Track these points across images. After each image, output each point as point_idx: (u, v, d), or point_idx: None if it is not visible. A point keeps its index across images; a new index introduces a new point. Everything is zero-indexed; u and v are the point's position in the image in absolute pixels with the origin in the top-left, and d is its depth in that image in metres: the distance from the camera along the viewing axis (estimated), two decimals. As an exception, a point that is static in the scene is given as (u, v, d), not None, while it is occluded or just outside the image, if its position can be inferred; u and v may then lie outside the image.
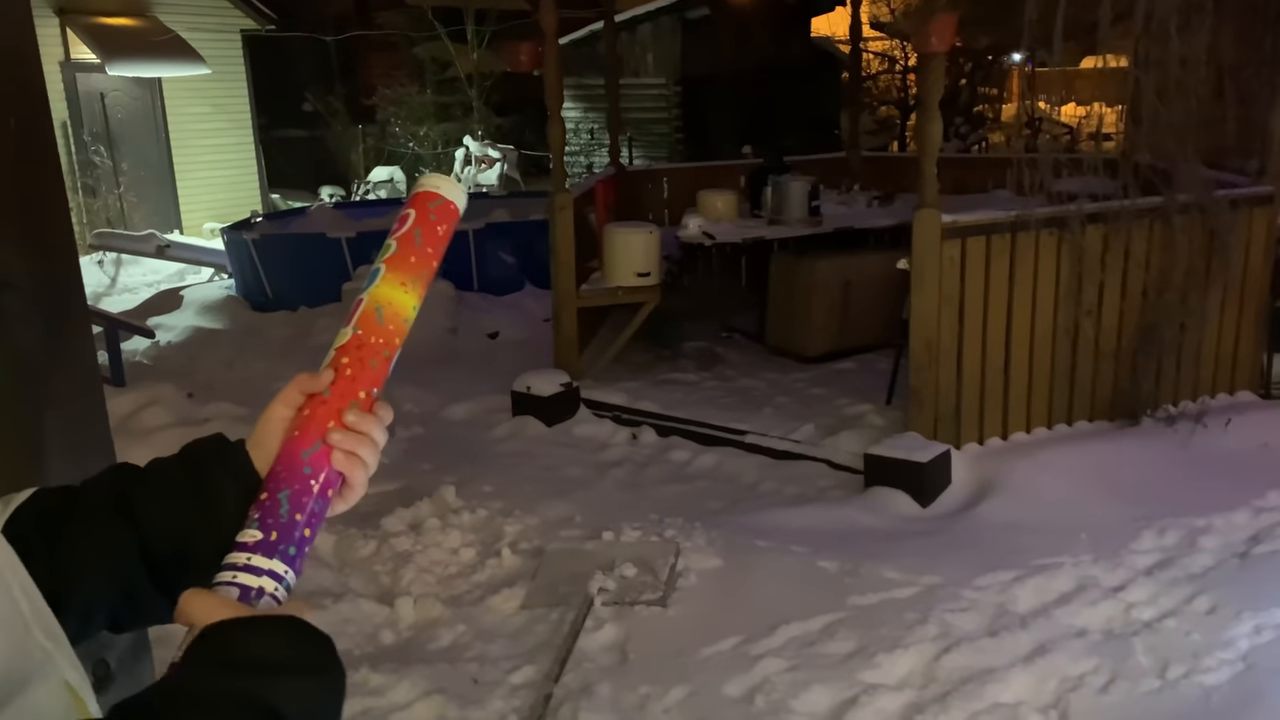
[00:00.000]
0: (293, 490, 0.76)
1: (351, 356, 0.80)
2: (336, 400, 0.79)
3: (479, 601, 3.52)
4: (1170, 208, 4.50)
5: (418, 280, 0.83)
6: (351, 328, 0.81)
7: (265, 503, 0.76)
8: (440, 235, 0.84)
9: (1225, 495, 3.94)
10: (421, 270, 0.83)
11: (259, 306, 8.21)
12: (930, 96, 4.02)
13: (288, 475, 0.76)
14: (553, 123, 5.28)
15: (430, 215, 0.84)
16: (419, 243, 0.82)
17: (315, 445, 0.77)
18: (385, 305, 0.81)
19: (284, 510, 0.75)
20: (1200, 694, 2.78)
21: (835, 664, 2.97)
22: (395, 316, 0.81)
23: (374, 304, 0.81)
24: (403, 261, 0.82)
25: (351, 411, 0.79)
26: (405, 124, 13.48)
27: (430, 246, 0.83)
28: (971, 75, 12.83)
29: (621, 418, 5.28)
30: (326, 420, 0.78)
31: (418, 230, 0.82)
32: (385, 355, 0.81)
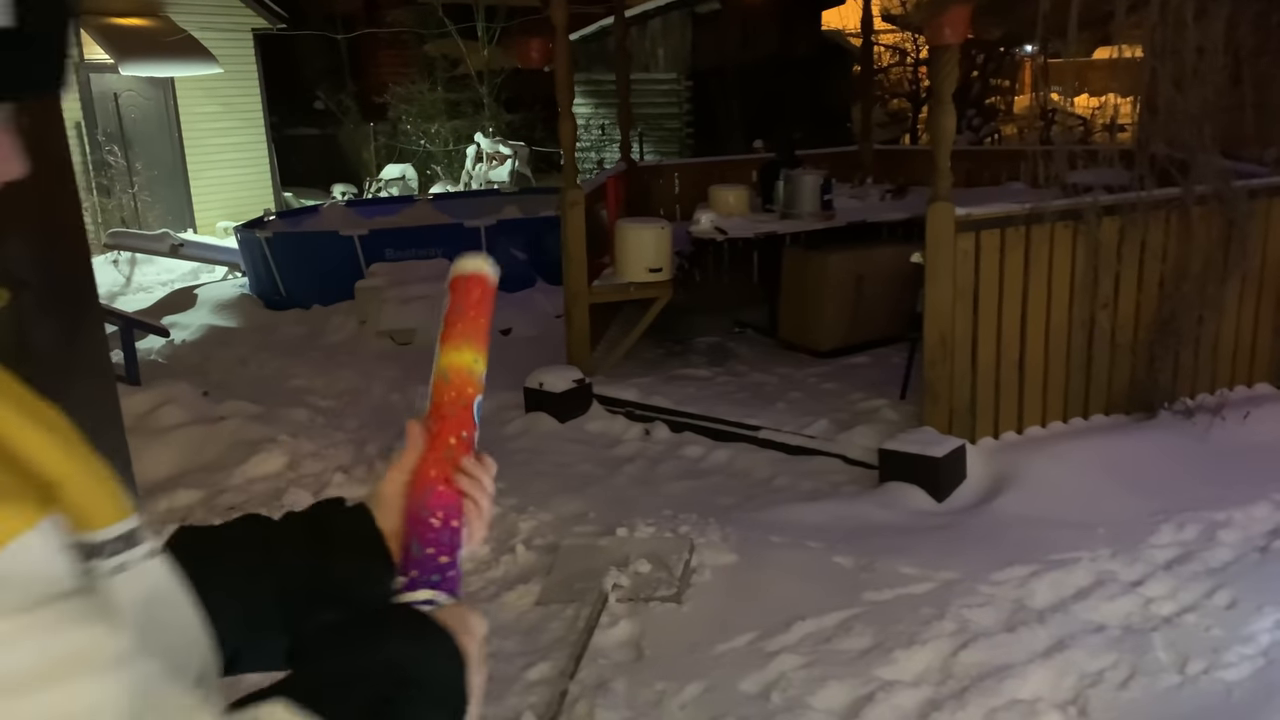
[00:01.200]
0: (419, 533, 0.87)
1: (433, 416, 0.92)
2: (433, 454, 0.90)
3: (494, 598, 3.52)
4: (1187, 198, 4.45)
5: (469, 339, 0.95)
6: (429, 399, 0.94)
7: (403, 554, 0.87)
8: (475, 298, 0.96)
9: (1245, 489, 3.91)
10: (468, 330, 0.95)
11: (272, 305, 8.25)
12: (943, 89, 3.99)
13: (413, 526, 0.88)
14: (563, 119, 5.27)
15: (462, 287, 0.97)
16: (460, 315, 0.96)
17: (429, 490, 0.89)
18: (447, 368, 0.93)
19: (415, 550, 0.86)
20: (1221, 689, 2.76)
21: (851, 660, 2.96)
22: (458, 371, 0.93)
23: (439, 374, 0.94)
24: (450, 333, 0.95)
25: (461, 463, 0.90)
26: (416, 121, 13.49)
27: (470, 309, 0.96)
28: (984, 67, 12.76)
29: (634, 414, 5.28)
30: (428, 472, 0.89)
31: (457, 306, 0.96)
32: (461, 404, 0.92)
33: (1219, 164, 4.49)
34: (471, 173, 12.25)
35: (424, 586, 0.84)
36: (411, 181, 12.67)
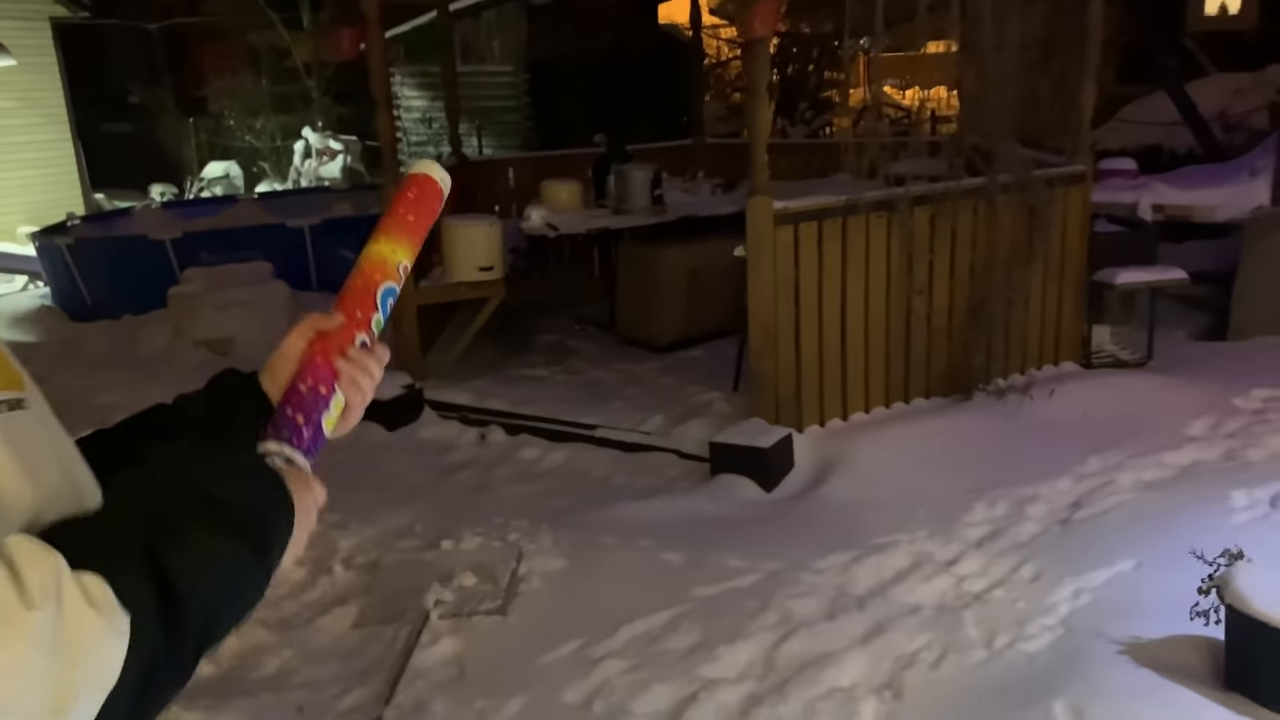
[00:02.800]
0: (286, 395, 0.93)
1: (340, 298, 0.97)
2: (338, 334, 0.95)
3: (309, 623, 3.32)
4: (993, 187, 4.65)
5: (390, 231, 1.00)
6: (352, 276, 0.99)
7: (278, 418, 0.92)
8: (411, 197, 1.01)
9: (1050, 464, 4.11)
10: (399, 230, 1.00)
11: (78, 316, 7.63)
12: (757, 82, 4.01)
13: (286, 391, 0.93)
14: (381, 112, 5.05)
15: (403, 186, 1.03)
16: (402, 209, 1.01)
17: (307, 360, 0.94)
18: (364, 256, 0.99)
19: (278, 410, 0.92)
20: (1024, 661, 2.86)
21: (676, 660, 2.92)
22: (371, 259, 0.98)
23: (362, 258, 0.99)
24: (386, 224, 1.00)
25: (353, 347, 0.96)
26: (240, 116, 12.78)
27: (401, 206, 1.01)
28: (819, 61, 13.10)
29: (468, 418, 5.12)
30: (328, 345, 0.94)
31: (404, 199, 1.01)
32: (367, 289, 0.97)
33: (1020, 154, 4.71)
34: (300, 169, 11.70)
35: (273, 439, 0.89)
36: (237, 180, 12.00)
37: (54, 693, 0.63)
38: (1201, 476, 4.01)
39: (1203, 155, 7.50)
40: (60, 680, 0.63)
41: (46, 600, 0.62)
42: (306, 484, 0.87)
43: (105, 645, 0.65)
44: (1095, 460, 4.12)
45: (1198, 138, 7.67)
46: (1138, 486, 3.95)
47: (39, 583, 0.63)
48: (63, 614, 0.63)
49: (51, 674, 0.62)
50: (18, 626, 0.61)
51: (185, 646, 0.71)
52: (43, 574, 0.63)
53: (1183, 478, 4.01)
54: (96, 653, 0.65)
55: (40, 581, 0.63)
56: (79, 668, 0.64)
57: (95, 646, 0.65)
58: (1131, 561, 3.36)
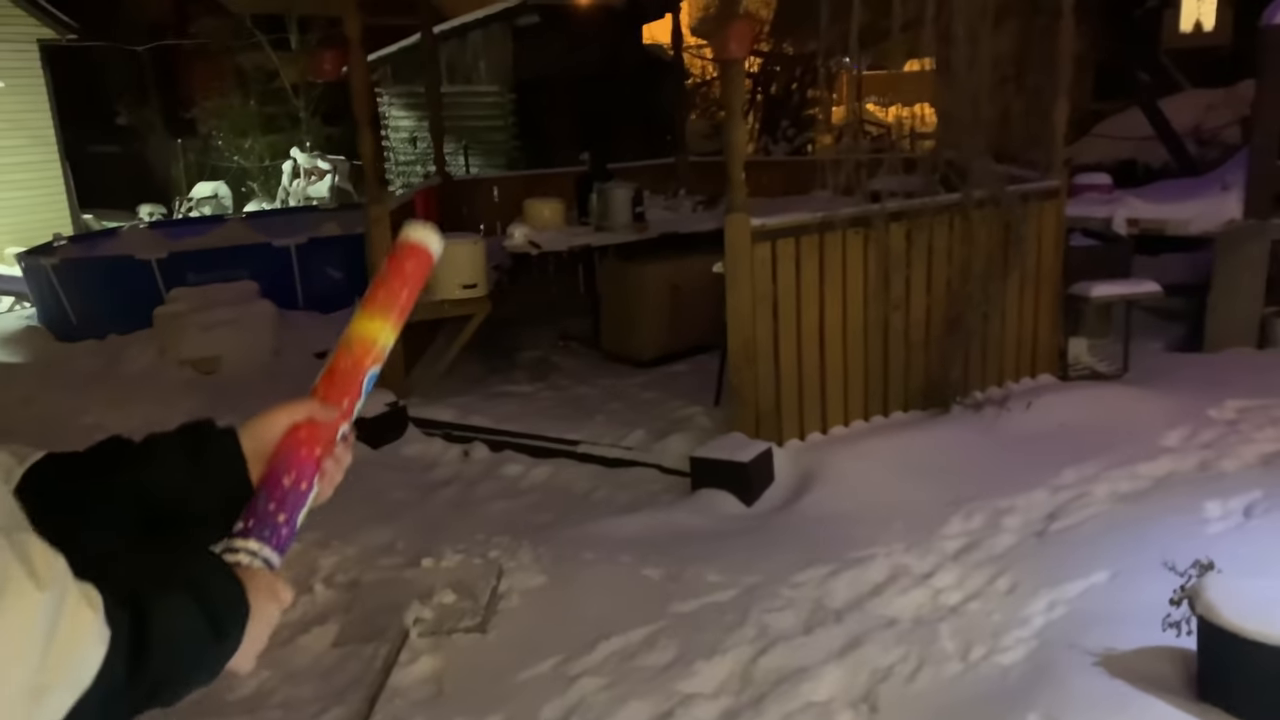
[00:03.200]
0: (271, 490, 0.92)
1: (326, 378, 0.97)
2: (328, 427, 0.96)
3: (288, 642, 3.32)
4: (967, 203, 4.71)
5: (386, 315, 0.98)
6: (332, 354, 0.98)
7: (253, 501, 0.92)
8: (408, 276, 0.99)
9: (1026, 475, 4.14)
10: (391, 306, 0.98)
11: (64, 336, 7.63)
12: (732, 102, 4.07)
13: (269, 479, 0.93)
14: (364, 133, 5.09)
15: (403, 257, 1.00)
16: (391, 283, 0.98)
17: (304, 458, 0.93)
18: (356, 336, 0.97)
19: (261, 501, 0.91)
20: (998, 673, 2.89)
21: (653, 676, 2.94)
22: (362, 343, 0.97)
23: (348, 336, 0.97)
24: (374, 298, 0.97)
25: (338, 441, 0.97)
26: (229, 137, 12.82)
27: (400, 284, 0.98)
28: (801, 79, 13.21)
29: (452, 435, 5.14)
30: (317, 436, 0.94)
31: (391, 272, 0.98)
32: (356, 374, 0.97)
33: (994, 170, 4.77)
34: (289, 189, 11.73)
35: (255, 538, 0.89)
36: (225, 200, 12.02)
37: (39, 673, 0.66)
38: (1176, 487, 4.05)
39: (1176, 170, 7.60)
40: (48, 664, 0.67)
41: (54, 586, 0.67)
42: (273, 588, 0.89)
43: (92, 645, 0.70)
44: (1071, 472, 4.17)
45: (1171, 152, 7.77)
46: (1113, 498, 3.99)
47: (47, 571, 0.68)
48: (65, 604, 0.68)
49: (43, 654, 0.66)
50: (27, 601, 0.66)
51: (136, 693, 0.75)
52: (52, 565, 0.68)
53: (1157, 489, 4.05)
54: (83, 649, 0.69)
55: (48, 570, 0.68)
56: (66, 657, 0.68)
57: (84, 642, 0.69)
58: (1106, 573, 3.39)
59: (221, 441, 0.95)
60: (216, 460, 0.94)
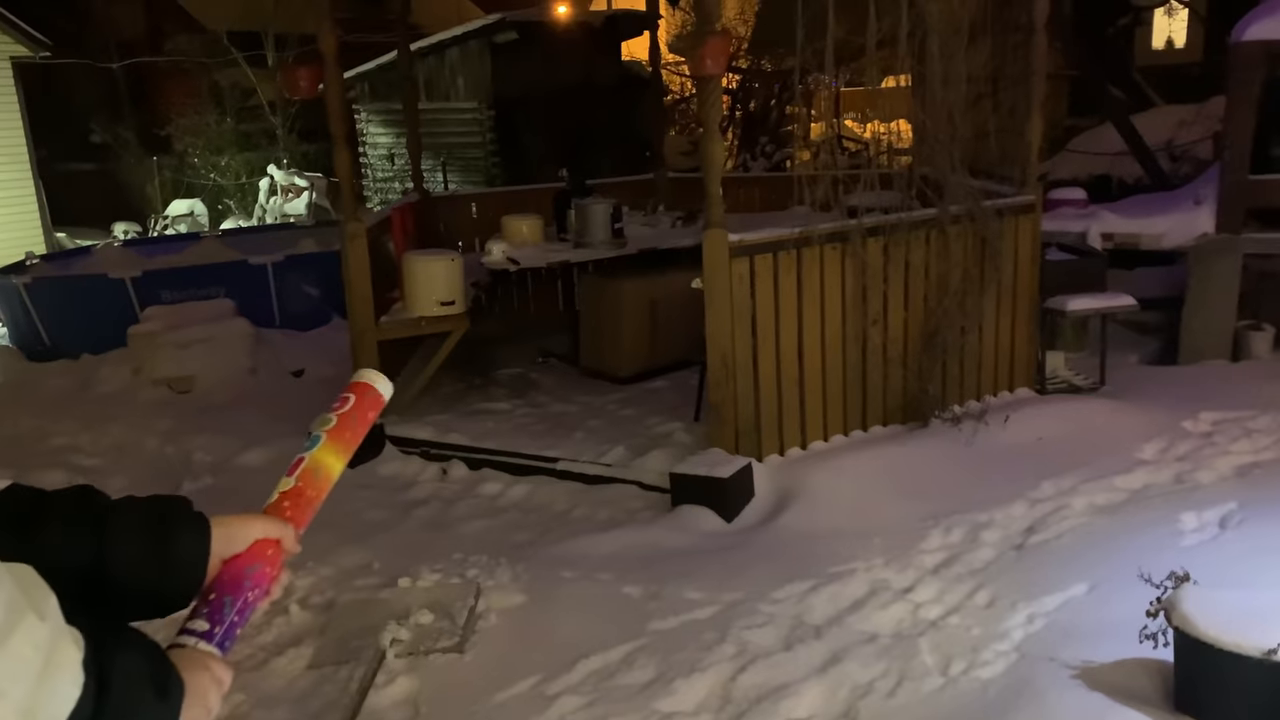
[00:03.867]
0: (233, 598, 0.95)
1: (292, 501, 1.02)
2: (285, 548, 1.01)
3: (261, 665, 3.27)
4: (944, 218, 4.74)
5: (345, 453, 1.05)
6: (295, 479, 1.03)
7: (214, 602, 0.95)
8: (369, 420, 1.07)
9: (1004, 489, 4.16)
10: (352, 445, 1.05)
11: (36, 356, 7.53)
12: (709, 118, 4.08)
13: (233, 586, 0.96)
14: (339, 150, 5.06)
15: (365, 402, 1.07)
16: (354, 423, 1.05)
17: (256, 567, 0.97)
18: (322, 467, 1.03)
19: (227, 611, 0.95)
20: (978, 687, 2.88)
21: (633, 695, 2.91)
22: (327, 477, 1.03)
23: (314, 464, 1.03)
24: (340, 435, 1.04)
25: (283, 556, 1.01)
26: (205, 154, 12.75)
27: (361, 427, 1.06)
28: (780, 96, 13.31)
29: (430, 453, 5.10)
30: (267, 549, 0.99)
31: (355, 414, 1.05)
32: (315, 506, 1.04)
33: (969, 185, 4.80)
34: (266, 206, 11.67)
35: (215, 645, 0.93)
36: (202, 217, 11.94)
37: (32, 697, 0.70)
38: (1152, 499, 4.08)
39: (1149, 184, 7.69)
40: (40, 691, 0.70)
41: (50, 619, 0.72)
42: (213, 670, 0.90)
43: (71, 683, 0.73)
44: (1049, 485, 4.18)
45: (1145, 168, 7.87)
46: (1090, 510, 4.00)
47: (45, 605, 0.72)
48: (57, 640, 0.72)
49: (38, 681, 0.70)
50: (31, 628, 0.70)
51: None
52: (48, 601, 0.73)
53: (1134, 501, 4.08)
54: (65, 685, 0.72)
55: (45, 605, 0.72)
56: (52, 689, 0.71)
57: (66, 678, 0.72)
58: (1084, 585, 3.40)
59: (194, 541, 0.95)
60: (184, 557, 0.94)
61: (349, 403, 1.07)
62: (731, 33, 11.92)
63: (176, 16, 14.29)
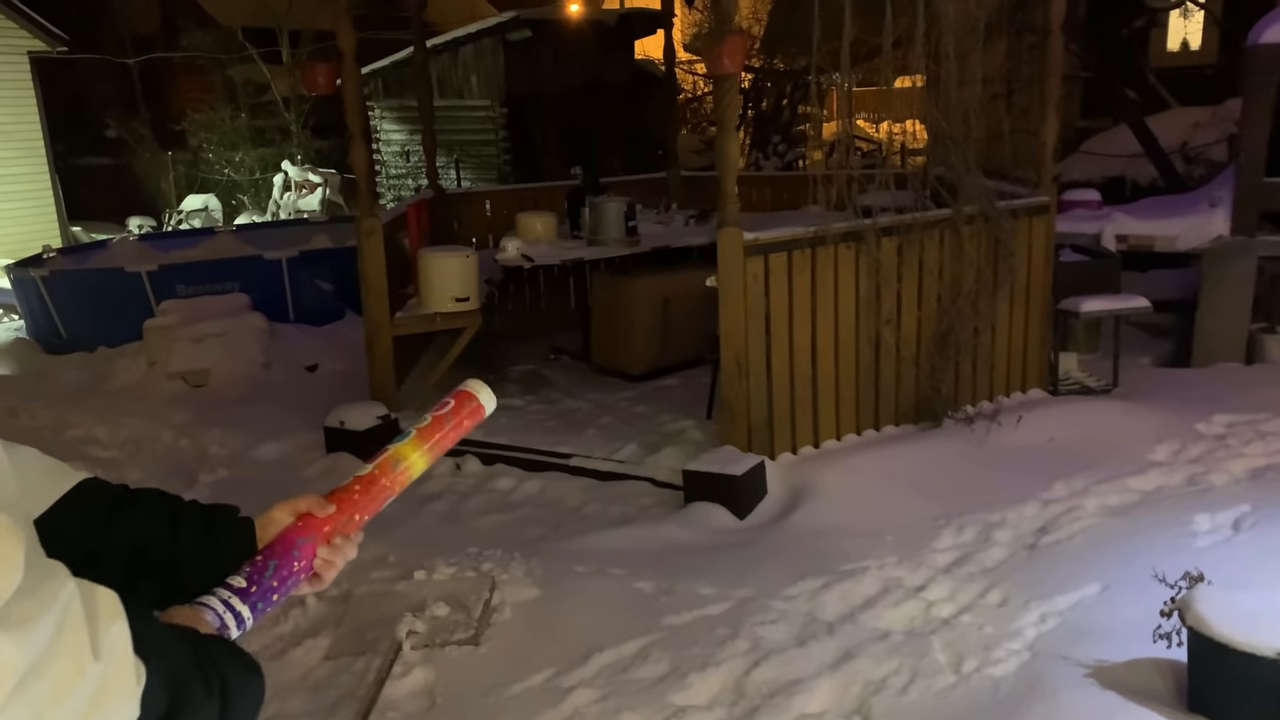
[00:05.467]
0: (279, 564, 0.98)
1: (364, 487, 1.03)
2: (338, 514, 1.02)
3: (279, 655, 3.31)
4: (957, 218, 4.75)
5: (431, 453, 1.05)
6: (373, 466, 1.04)
7: (258, 563, 0.97)
8: (464, 427, 1.09)
9: (1017, 489, 4.16)
10: (440, 446, 1.06)
11: (52, 349, 7.59)
12: (725, 117, 4.09)
13: (280, 552, 0.99)
14: (356, 145, 5.10)
15: (465, 409, 1.09)
16: (447, 426, 1.06)
17: (308, 539, 0.99)
18: (403, 460, 1.03)
19: (268, 575, 0.97)
20: (990, 686, 2.90)
21: (647, 688, 2.94)
22: (406, 470, 1.04)
23: (395, 455, 1.04)
24: (430, 434, 1.05)
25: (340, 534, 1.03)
26: (219, 149, 12.81)
27: (454, 431, 1.07)
28: (792, 95, 13.31)
29: (443, 448, 5.13)
30: (323, 526, 1.01)
31: (450, 417, 1.06)
32: (385, 497, 1.03)
33: (983, 185, 4.81)
34: (280, 202, 11.73)
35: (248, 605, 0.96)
36: (215, 213, 12.00)
37: None
38: (1165, 501, 4.08)
39: (1164, 186, 7.67)
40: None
41: (106, 656, 0.72)
42: None
43: (119, 714, 0.74)
44: (1061, 486, 4.19)
45: (1159, 169, 7.85)
46: (1102, 511, 4.01)
47: (110, 641, 0.73)
48: (111, 672, 0.73)
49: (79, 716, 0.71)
50: (81, 670, 0.71)
51: None
52: (115, 635, 0.74)
53: (1146, 502, 4.08)
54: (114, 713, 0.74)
55: (111, 640, 0.73)
56: None
57: (115, 708, 0.74)
58: (1096, 585, 3.41)
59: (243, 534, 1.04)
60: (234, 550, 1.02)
61: (448, 406, 1.09)
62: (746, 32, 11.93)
63: (191, 13, 14.35)
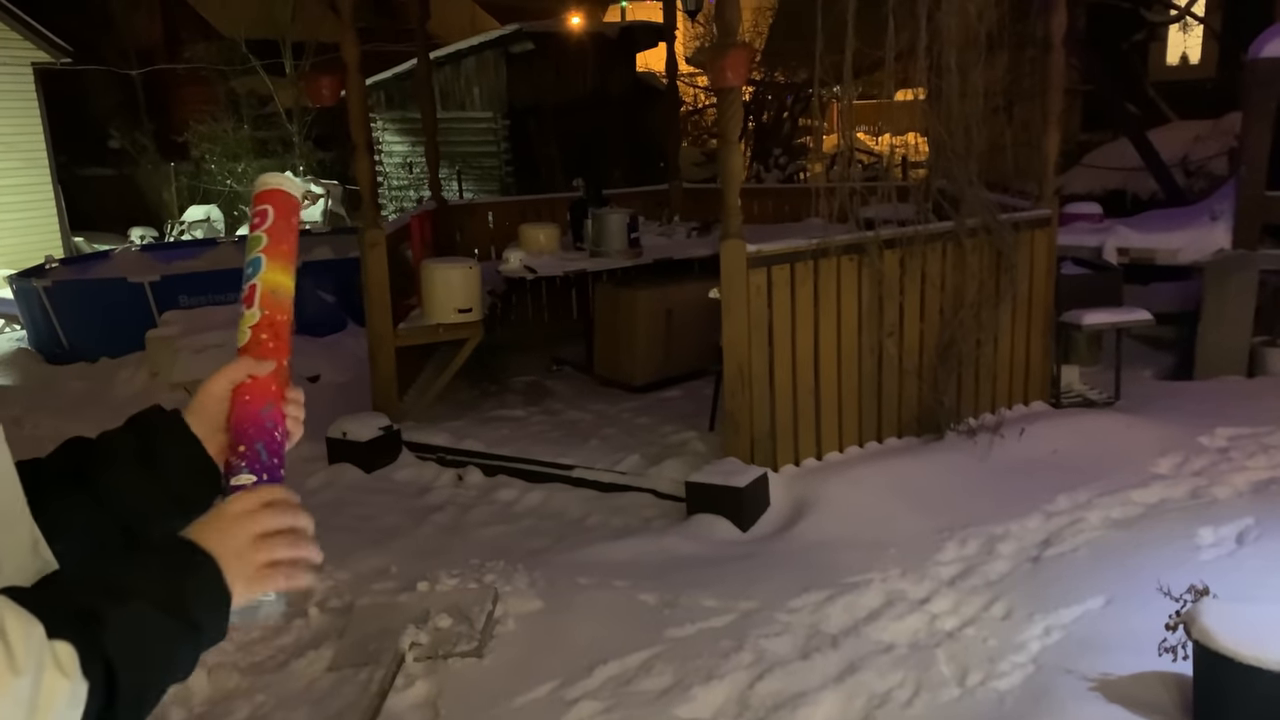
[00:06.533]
0: (265, 442, 0.95)
1: (269, 332, 0.97)
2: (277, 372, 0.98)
3: (282, 667, 3.30)
4: (960, 231, 4.76)
5: (290, 265, 0.99)
6: (258, 309, 0.97)
7: (246, 453, 0.93)
8: (294, 226, 1.00)
9: (1020, 502, 4.16)
10: (291, 257, 0.99)
11: (54, 359, 7.60)
12: (728, 130, 4.11)
13: (256, 431, 0.95)
14: (359, 157, 5.11)
15: (286, 208, 1.00)
16: (286, 233, 0.98)
17: (269, 405, 0.96)
18: (278, 287, 0.97)
19: (265, 456, 0.94)
20: (995, 698, 2.89)
21: (651, 701, 2.93)
22: (287, 295, 0.99)
23: (269, 287, 0.97)
24: (278, 249, 0.98)
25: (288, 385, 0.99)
26: (221, 160, 12.85)
27: (292, 235, 1.00)
28: (793, 108, 13.35)
29: (445, 459, 5.13)
30: (270, 386, 0.96)
31: (280, 223, 0.98)
32: (289, 330, 0.99)
33: (986, 198, 4.82)
34: (282, 213, 11.73)
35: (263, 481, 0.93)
36: (217, 223, 12.04)
37: None
38: (1168, 514, 4.07)
39: (1165, 200, 7.69)
40: None
41: (29, 667, 0.70)
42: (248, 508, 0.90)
43: (69, 709, 0.73)
44: (1064, 498, 4.18)
45: (1160, 183, 7.87)
46: (1106, 524, 4.00)
47: (24, 650, 0.70)
48: (41, 680, 0.71)
49: None
50: (4, 688, 0.69)
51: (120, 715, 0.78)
52: (28, 642, 0.71)
53: (1150, 515, 4.07)
54: (62, 715, 0.73)
55: (25, 649, 0.70)
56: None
57: (61, 710, 0.73)
58: (1101, 598, 3.40)
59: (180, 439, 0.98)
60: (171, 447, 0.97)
61: (269, 215, 0.98)
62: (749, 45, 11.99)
63: (194, 24, 14.42)
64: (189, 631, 0.82)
